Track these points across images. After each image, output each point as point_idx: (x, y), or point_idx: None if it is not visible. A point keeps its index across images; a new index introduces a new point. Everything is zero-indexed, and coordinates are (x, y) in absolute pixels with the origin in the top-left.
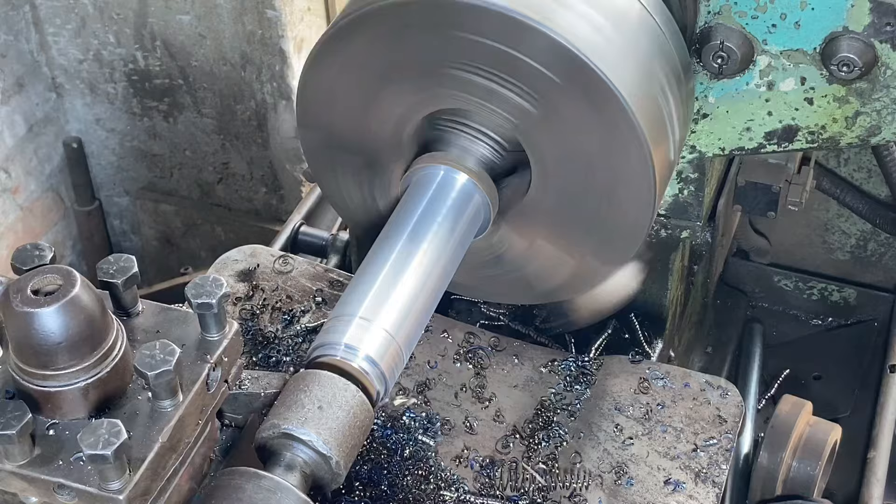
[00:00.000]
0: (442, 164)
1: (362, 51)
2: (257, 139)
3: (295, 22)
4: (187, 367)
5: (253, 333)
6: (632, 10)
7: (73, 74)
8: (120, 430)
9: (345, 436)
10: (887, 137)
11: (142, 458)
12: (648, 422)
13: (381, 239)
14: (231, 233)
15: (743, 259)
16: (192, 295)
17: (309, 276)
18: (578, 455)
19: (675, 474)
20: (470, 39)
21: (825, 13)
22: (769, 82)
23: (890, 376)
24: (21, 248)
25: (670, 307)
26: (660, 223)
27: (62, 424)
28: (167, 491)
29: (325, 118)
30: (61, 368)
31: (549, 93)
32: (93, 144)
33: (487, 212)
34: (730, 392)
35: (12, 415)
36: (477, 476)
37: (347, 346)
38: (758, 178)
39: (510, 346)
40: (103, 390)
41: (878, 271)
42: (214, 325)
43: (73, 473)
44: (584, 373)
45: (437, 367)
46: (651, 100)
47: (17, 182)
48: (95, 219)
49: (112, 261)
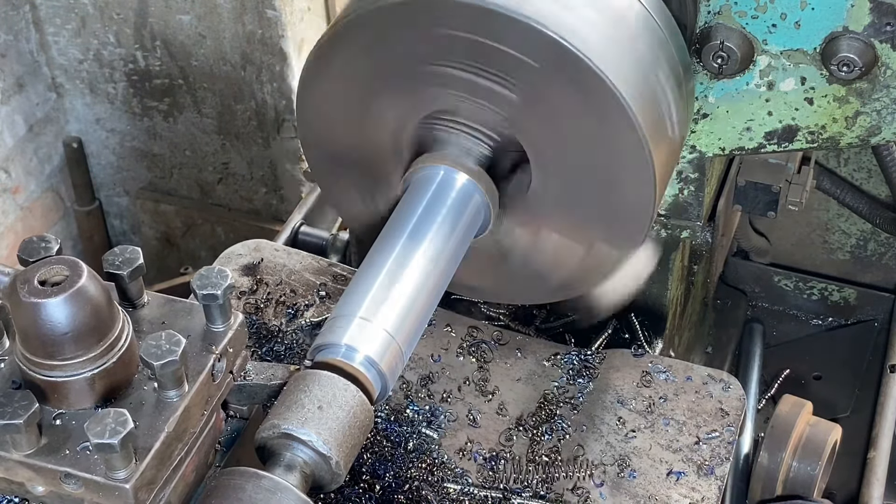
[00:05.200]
0: (441, 164)
1: (349, 63)
2: (257, 139)
3: (295, 22)
4: (193, 358)
5: (257, 327)
6: (632, 9)
7: (73, 74)
8: (126, 420)
9: (345, 436)
10: (887, 137)
11: (148, 448)
12: (651, 415)
13: (381, 239)
14: (231, 233)
15: (743, 259)
16: (198, 286)
17: (313, 271)
18: (581, 448)
19: (677, 467)
20: (448, 34)
21: (825, 13)
22: (769, 82)
23: (890, 376)
24: (27, 240)
25: (670, 307)
26: (660, 223)
27: (69, 414)
28: (173, 480)
29: (324, 135)
30: (68, 359)
31: (531, 80)
32: (93, 144)
33: (487, 211)
34: (732, 385)
35: (19, 404)
36: (480, 469)
37: (348, 346)
38: (758, 178)
39: (513, 339)
40: (109, 380)
41: (878, 271)
42: (219, 316)
43: (80, 463)
44: (586, 366)
45: (441, 360)
46: (649, 93)
47: (17, 182)
48: (95, 219)
49: (118, 252)
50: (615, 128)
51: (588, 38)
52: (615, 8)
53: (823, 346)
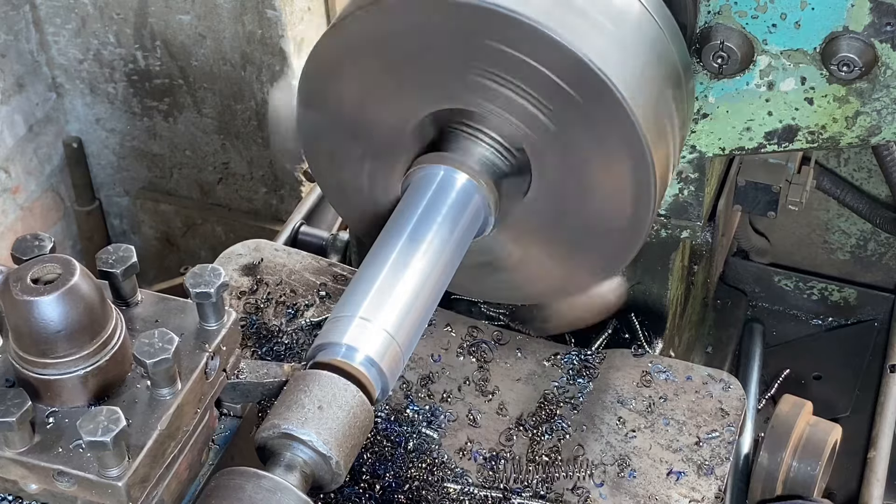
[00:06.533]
0: (442, 165)
1: (384, 32)
2: (257, 139)
3: (295, 22)
4: (186, 356)
5: (258, 327)
6: (632, 9)
7: (73, 74)
8: (119, 418)
9: (345, 436)
10: (887, 137)
11: (140, 446)
12: (651, 415)
13: (381, 239)
14: (231, 233)
15: (743, 259)
16: (191, 284)
17: (313, 271)
18: (581, 448)
19: (677, 466)
20: (497, 48)
21: (825, 13)
22: (769, 82)
23: (890, 376)
24: (21, 238)
25: (670, 307)
26: (660, 223)
27: (62, 412)
28: (166, 478)
29: (332, 97)
30: (61, 357)
31: (567, 107)
32: (93, 144)
33: (488, 212)
34: (732, 385)
35: (12, 402)
36: (480, 469)
37: (348, 346)
38: (758, 178)
39: (513, 339)
40: (103, 378)
41: (878, 271)
42: (213, 314)
43: (73, 460)
44: (586, 366)
45: (441, 360)
46: (652, 103)
47: (17, 182)
48: (95, 219)
49: (111, 251)
50: (625, 155)
51: (620, 71)
52: (615, 8)
53: (823, 346)
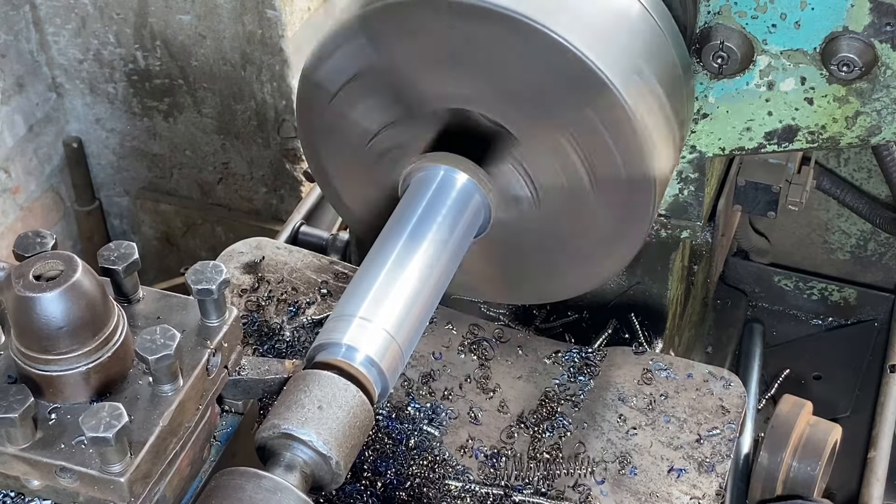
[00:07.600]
0: (442, 165)
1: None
2: (257, 139)
3: (295, 22)
4: (187, 353)
5: (259, 325)
6: (631, 9)
7: (73, 74)
8: (121, 414)
9: (345, 436)
10: (887, 137)
11: (143, 442)
12: (652, 412)
13: (381, 239)
14: (231, 233)
15: (743, 259)
16: (192, 281)
17: (314, 269)
18: (582, 445)
19: (678, 464)
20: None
21: (825, 13)
22: (769, 82)
23: (890, 376)
24: (23, 235)
25: (670, 307)
26: (660, 223)
27: (64, 408)
28: (168, 474)
29: (364, 51)
30: (63, 353)
31: (596, 145)
32: (93, 144)
33: (488, 211)
34: (732, 383)
35: (14, 399)
36: (482, 466)
37: (348, 346)
38: (758, 178)
39: (514, 337)
40: (105, 375)
41: (878, 271)
42: (214, 310)
43: (75, 456)
44: (587, 364)
45: (442, 358)
46: (651, 103)
47: (17, 182)
48: (95, 219)
49: (113, 247)
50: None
51: (605, 53)
52: (615, 8)
53: (823, 346)
